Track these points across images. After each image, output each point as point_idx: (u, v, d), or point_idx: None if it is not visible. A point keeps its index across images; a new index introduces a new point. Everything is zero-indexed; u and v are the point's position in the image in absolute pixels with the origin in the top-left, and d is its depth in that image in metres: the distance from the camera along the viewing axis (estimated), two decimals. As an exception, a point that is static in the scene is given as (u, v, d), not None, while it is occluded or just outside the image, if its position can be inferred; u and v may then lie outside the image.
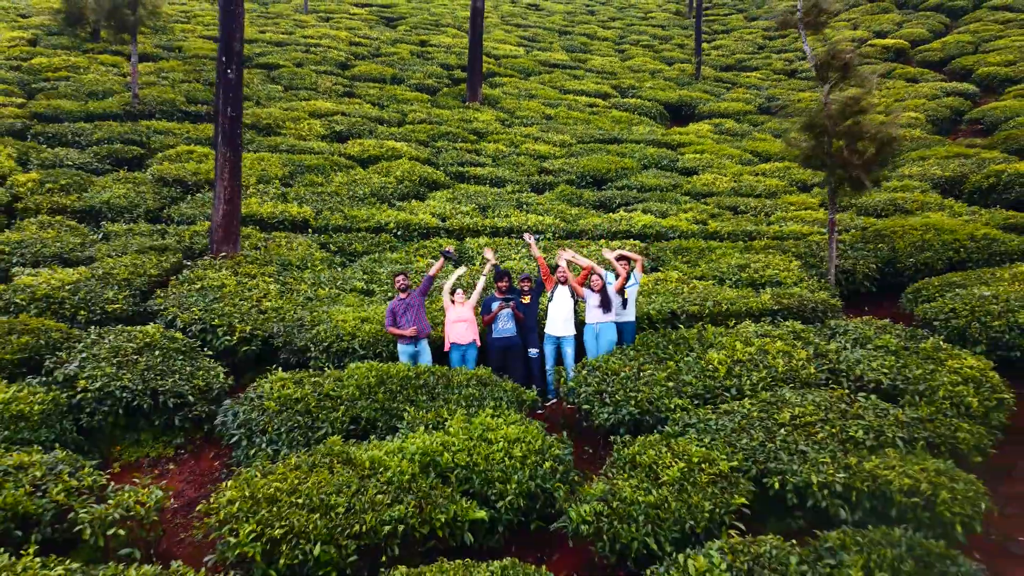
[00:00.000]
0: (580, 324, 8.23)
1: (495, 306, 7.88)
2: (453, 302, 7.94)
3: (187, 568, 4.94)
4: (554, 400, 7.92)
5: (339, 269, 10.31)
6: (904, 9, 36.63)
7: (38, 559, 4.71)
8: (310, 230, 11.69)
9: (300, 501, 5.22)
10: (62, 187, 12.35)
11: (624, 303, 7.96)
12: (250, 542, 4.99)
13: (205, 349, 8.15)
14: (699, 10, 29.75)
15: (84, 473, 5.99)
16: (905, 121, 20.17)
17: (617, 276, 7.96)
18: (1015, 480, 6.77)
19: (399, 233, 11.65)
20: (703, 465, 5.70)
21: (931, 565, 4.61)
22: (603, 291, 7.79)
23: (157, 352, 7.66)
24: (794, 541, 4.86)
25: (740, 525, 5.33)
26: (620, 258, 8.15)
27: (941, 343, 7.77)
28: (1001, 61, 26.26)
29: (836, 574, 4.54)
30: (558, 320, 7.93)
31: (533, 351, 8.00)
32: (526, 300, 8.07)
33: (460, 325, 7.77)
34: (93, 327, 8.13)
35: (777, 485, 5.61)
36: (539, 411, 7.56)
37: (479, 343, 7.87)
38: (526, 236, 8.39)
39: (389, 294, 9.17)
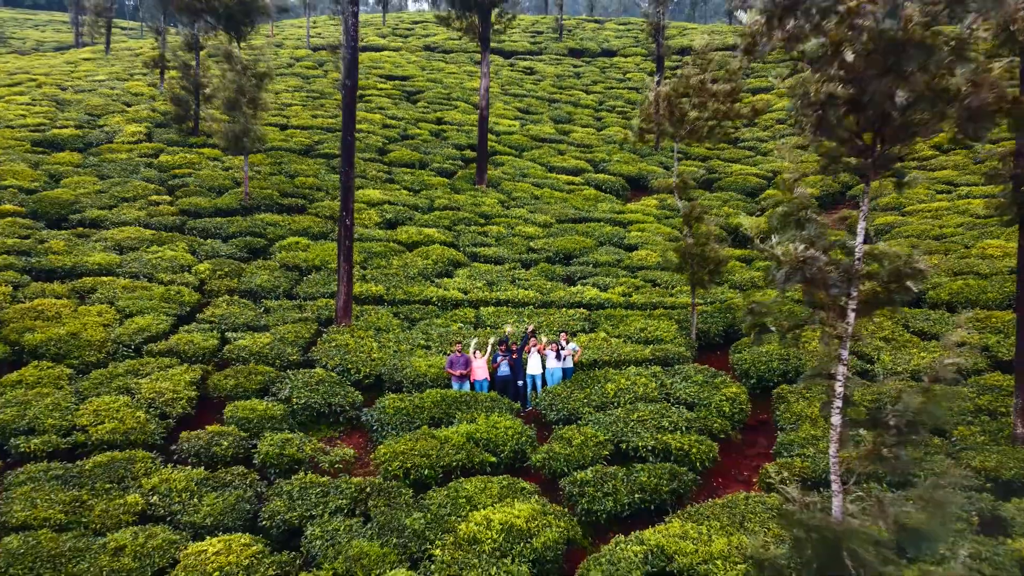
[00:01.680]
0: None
1: (498, 358, 15.22)
2: (475, 356, 15.27)
3: (360, 478, 12.24)
4: (529, 408, 15.25)
5: (407, 331, 17.63)
6: None
7: (312, 475, 12.09)
8: (384, 302, 19.02)
9: (414, 452, 12.56)
10: (226, 273, 19.69)
11: (563, 359, 15.31)
12: (395, 469, 12.33)
13: (345, 381, 15.45)
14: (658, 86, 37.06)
15: (309, 442, 13.33)
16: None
17: (559, 349, 15.30)
18: (749, 449, 14.13)
19: (439, 304, 18.99)
20: (593, 437, 13.05)
21: (678, 476, 11.97)
22: (558, 352, 15.16)
23: (324, 383, 14.98)
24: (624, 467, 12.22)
25: (603, 463, 12.66)
26: (565, 343, 15.49)
27: (727, 378, 15.13)
28: (892, 139, 33.54)
29: (638, 479, 11.85)
30: (532, 367, 15.28)
31: (519, 383, 15.35)
32: (515, 356, 15.42)
33: (480, 370, 15.11)
34: (286, 370, 15.47)
35: (624, 446, 12.94)
36: (521, 414, 14.89)
37: (489, 379, 15.21)
38: (531, 341, 15.57)
39: (443, 350, 16.45)
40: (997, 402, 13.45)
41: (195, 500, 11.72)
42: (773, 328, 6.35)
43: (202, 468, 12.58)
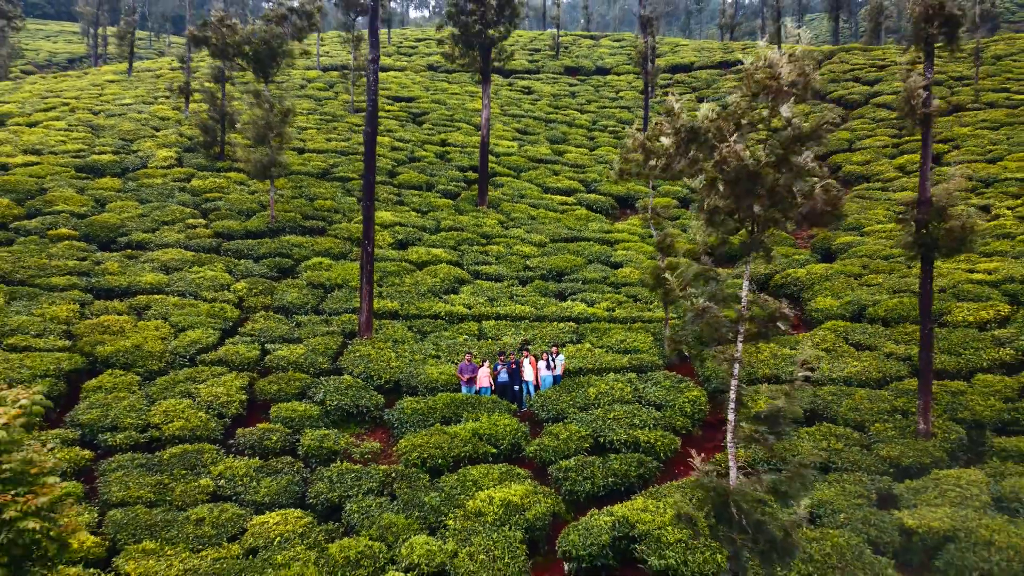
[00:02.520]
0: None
1: (499, 367, 18.08)
2: (480, 366, 18.12)
3: (386, 466, 15.09)
4: (524, 409, 18.10)
5: (420, 343, 20.47)
6: (814, 100, 46.82)
7: (346, 463, 14.98)
8: (399, 317, 21.86)
9: (430, 445, 15.43)
10: (260, 291, 22.54)
11: (553, 368, 18.18)
12: (414, 458, 15.20)
13: (368, 386, 18.28)
14: (645, 113, 40.01)
15: (343, 437, 16.19)
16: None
17: (550, 360, 18.17)
18: (707, 443, 16.98)
19: (446, 318, 21.83)
20: (576, 433, 15.91)
21: (645, 464, 14.85)
22: (548, 362, 18.03)
23: (352, 388, 17.82)
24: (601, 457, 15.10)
25: (584, 454, 15.51)
26: (555, 354, 18.36)
27: (691, 384, 17.96)
28: (861, 160, 36.54)
29: (612, 466, 14.71)
30: (527, 374, 18.14)
31: (516, 388, 18.19)
32: (513, 366, 18.27)
33: (484, 378, 17.97)
34: (319, 377, 18.32)
35: (602, 440, 15.80)
36: (517, 414, 17.73)
37: (492, 386, 18.06)
38: (525, 358, 18.45)
39: (451, 359, 19.29)
40: (910, 404, 16.30)
41: (254, 483, 14.58)
42: (686, 351, 9.19)
43: (256, 458, 15.44)
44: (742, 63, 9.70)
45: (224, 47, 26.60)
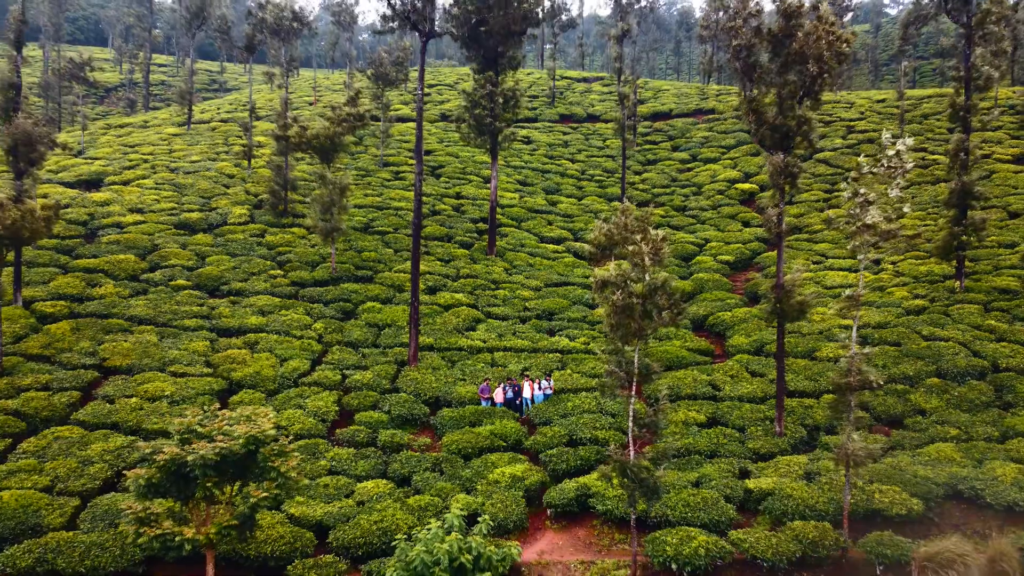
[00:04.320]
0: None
1: (506, 387, 26.75)
2: (497, 387, 26.77)
3: (435, 453, 23.71)
4: (524, 416, 26.75)
5: (450, 369, 29.08)
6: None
7: (409, 452, 23.72)
8: (434, 349, 30.45)
9: (462, 440, 24.11)
10: (333, 329, 31.13)
11: (544, 389, 26.85)
12: (453, 449, 23.90)
13: (418, 400, 26.87)
14: (623, 168, 48.64)
15: (405, 435, 24.84)
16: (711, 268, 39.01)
17: (543, 384, 26.85)
18: (645, 440, 25.66)
19: (468, 351, 30.43)
20: (559, 432, 24.57)
21: (601, 452, 23.56)
22: (539, 384, 26.71)
23: (407, 402, 26.43)
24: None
25: (563, 446, 24.16)
26: (547, 379, 27.03)
27: (637, 399, 26.60)
28: (796, 212, 45.17)
29: (580, 454, 23.37)
30: (525, 393, 26.80)
31: (518, 402, 26.85)
32: (516, 387, 26.93)
33: (497, 396, 26.63)
34: (384, 394, 26.94)
35: (575, 437, 24.44)
36: (519, 420, 26.37)
37: (503, 401, 26.72)
38: (525, 382, 27.17)
39: (474, 381, 27.90)
40: (775, 414, 24.88)
41: (354, 464, 23.18)
42: (603, 388, 17.77)
43: (352, 448, 24.04)
44: (714, 111, 18.36)
45: (300, 143, 35.24)
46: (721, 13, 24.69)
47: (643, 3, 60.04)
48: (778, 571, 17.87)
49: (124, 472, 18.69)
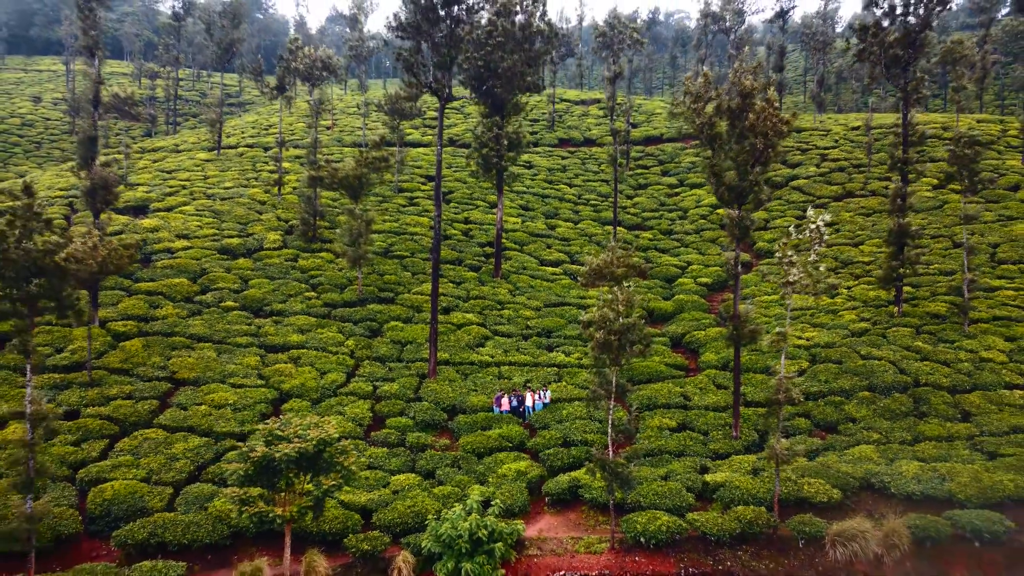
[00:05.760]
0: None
1: (512, 398, 32.03)
2: (502, 397, 32.07)
3: (453, 452, 29.01)
4: (526, 422, 32.03)
5: (464, 381, 34.36)
6: (749, 179, 60.65)
7: (432, 451, 29.07)
8: (449, 363, 35.70)
9: (477, 442, 29.43)
10: (363, 346, 36.40)
11: (543, 398, 32.17)
12: (469, 448, 29.24)
13: (438, 408, 32.13)
14: (615, 195, 53.91)
15: (428, 437, 30.14)
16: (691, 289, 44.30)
17: (542, 394, 32.16)
18: (626, 443, 30.97)
19: (478, 365, 35.69)
20: (555, 435, 29.88)
21: (590, 452, 28.92)
22: (539, 395, 32.02)
23: (428, 409, 31.70)
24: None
25: (558, 447, 29.46)
26: (545, 390, 32.34)
27: (619, 407, 31.89)
28: (770, 238, 50.39)
29: (572, 453, 28.70)
30: (528, 402, 32.10)
31: (521, 410, 32.14)
32: (520, 397, 32.23)
33: (505, 404, 31.93)
34: (408, 402, 32.22)
35: (568, 439, 29.72)
36: (523, 425, 31.65)
37: (509, 409, 32.02)
38: (527, 394, 32.48)
39: (485, 392, 33.19)
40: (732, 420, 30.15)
41: (387, 460, 28.44)
42: (589, 401, 23.05)
43: (384, 448, 29.31)
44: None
45: (332, 183, 40.52)
46: (685, 96, 29.85)
47: (633, 39, 65.02)
48: (722, 544, 23.17)
49: (205, 467, 23.99)
